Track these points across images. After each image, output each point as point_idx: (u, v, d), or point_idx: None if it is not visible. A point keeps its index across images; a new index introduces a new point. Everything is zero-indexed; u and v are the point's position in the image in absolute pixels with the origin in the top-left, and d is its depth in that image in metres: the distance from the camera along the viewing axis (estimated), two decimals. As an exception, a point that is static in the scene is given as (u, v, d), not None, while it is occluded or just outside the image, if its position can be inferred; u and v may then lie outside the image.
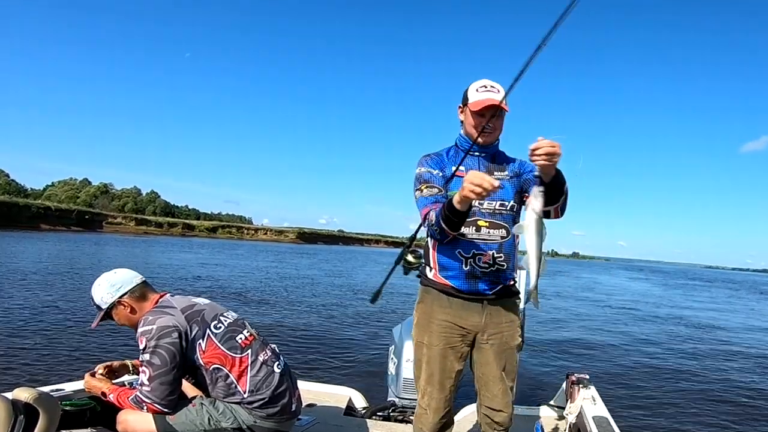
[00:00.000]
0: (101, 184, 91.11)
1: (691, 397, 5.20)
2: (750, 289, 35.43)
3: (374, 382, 4.17)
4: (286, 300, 10.61)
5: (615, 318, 11.67)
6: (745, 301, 21.66)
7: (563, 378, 2.67)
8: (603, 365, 6.41)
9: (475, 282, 1.65)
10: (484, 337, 1.69)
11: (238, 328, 1.76)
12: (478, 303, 1.67)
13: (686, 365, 6.74)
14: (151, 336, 1.59)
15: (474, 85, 1.68)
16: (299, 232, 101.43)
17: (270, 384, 1.69)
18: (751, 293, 29.11)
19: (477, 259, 1.63)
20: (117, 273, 1.77)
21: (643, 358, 7.09)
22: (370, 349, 6.16)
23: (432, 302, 1.71)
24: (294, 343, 6.22)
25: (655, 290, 25.22)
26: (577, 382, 2.41)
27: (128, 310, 1.71)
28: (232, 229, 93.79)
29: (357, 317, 8.71)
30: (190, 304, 1.72)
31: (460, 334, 1.68)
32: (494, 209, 1.65)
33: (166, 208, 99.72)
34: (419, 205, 1.69)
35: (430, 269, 1.74)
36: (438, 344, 1.67)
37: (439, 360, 1.67)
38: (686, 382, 5.84)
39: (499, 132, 1.68)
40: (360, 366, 5.39)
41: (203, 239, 67.71)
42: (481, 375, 1.71)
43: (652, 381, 5.75)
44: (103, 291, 1.72)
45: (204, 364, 1.65)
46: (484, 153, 1.71)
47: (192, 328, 1.65)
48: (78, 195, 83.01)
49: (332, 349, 6.14)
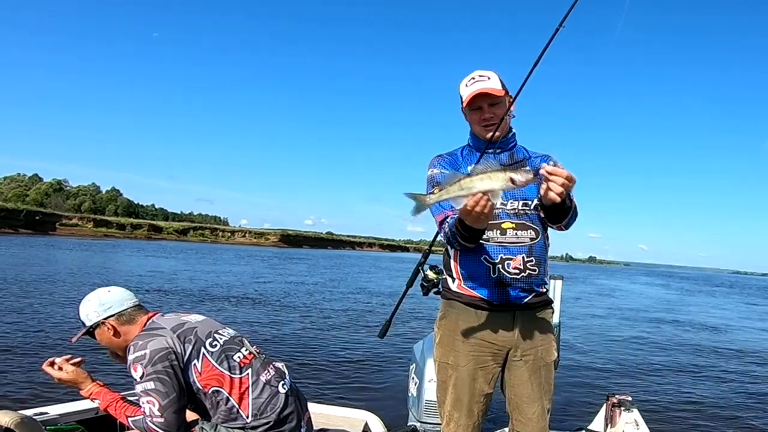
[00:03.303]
0: (54, 180, 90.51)
1: (751, 423, 5.18)
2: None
3: (393, 405, 4.20)
4: (287, 312, 10.62)
5: (651, 331, 11.71)
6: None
7: (602, 399, 2.71)
8: (645, 385, 6.39)
9: (505, 291, 1.66)
10: (517, 354, 1.70)
11: (235, 345, 1.77)
12: (509, 315, 1.69)
13: (744, 388, 6.65)
14: (147, 362, 1.60)
15: (463, 81, 1.71)
16: (282, 235, 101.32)
17: (275, 406, 1.71)
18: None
19: (506, 264, 1.64)
20: (111, 292, 1.81)
21: (691, 377, 7.07)
22: (388, 368, 6.17)
23: (457, 317, 1.73)
24: (302, 361, 6.23)
25: (690, 299, 25.44)
26: (618, 404, 2.44)
27: (111, 332, 1.74)
28: (205, 231, 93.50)
29: (372, 331, 8.69)
30: (181, 322, 1.74)
31: (491, 352, 1.70)
32: (518, 209, 1.68)
33: (130, 207, 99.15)
34: (434, 211, 1.71)
35: (453, 280, 1.76)
36: (466, 364, 1.69)
37: (467, 382, 1.69)
38: (746, 411, 5.74)
39: (502, 121, 1.68)
40: (377, 386, 5.40)
41: (173, 242, 67.33)
42: (513, 396, 1.72)
43: (702, 405, 5.73)
44: (91, 308, 1.76)
45: (202, 387, 1.67)
46: (500, 149, 1.74)
47: (186, 347, 1.67)
48: (27, 193, 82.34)
49: (346, 367, 6.14)
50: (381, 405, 4.01)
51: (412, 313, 10.62)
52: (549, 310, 1.79)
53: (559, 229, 1.68)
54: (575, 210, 1.63)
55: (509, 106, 1.70)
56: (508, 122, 1.75)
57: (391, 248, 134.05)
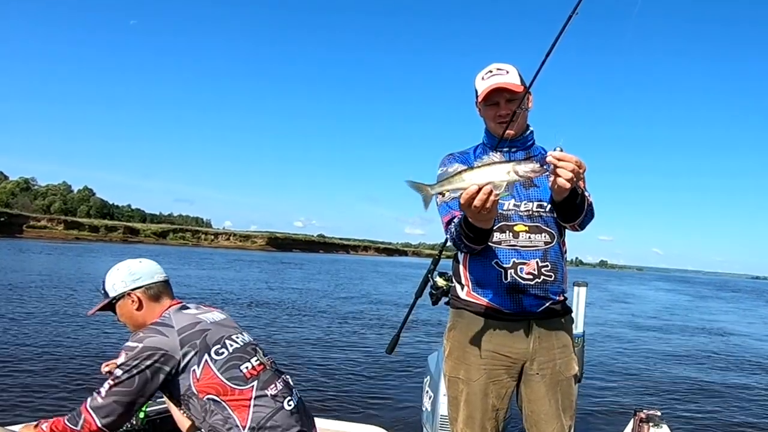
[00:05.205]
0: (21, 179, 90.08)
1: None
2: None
3: (406, 420, 4.25)
4: (286, 320, 10.62)
5: (676, 340, 11.79)
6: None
7: (629, 415, 2.73)
8: (674, 399, 6.41)
9: (519, 298, 1.66)
10: (533, 367, 1.70)
11: (246, 355, 1.78)
12: (523, 324, 1.69)
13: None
14: (133, 355, 1.64)
15: (480, 74, 1.72)
16: (270, 237, 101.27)
17: (277, 422, 1.71)
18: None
19: (519, 269, 1.65)
20: (142, 263, 1.85)
21: (722, 391, 7.09)
22: (401, 381, 6.19)
23: (467, 328, 1.74)
24: (307, 373, 6.25)
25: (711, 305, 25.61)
26: (646, 419, 2.47)
27: (136, 305, 1.79)
28: (186, 233, 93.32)
29: (381, 340, 8.69)
30: (192, 323, 1.76)
31: (504, 365, 1.70)
32: (532, 211, 1.69)
33: (103, 208, 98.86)
34: (441, 212, 1.73)
35: (462, 287, 1.77)
36: (478, 379, 1.70)
37: (480, 398, 1.69)
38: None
39: (516, 116, 1.68)
40: (389, 400, 5.42)
41: (151, 246, 67.05)
42: (530, 413, 1.73)
43: (737, 420, 5.75)
44: (119, 277, 1.80)
45: (197, 392, 1.69)
46: (515, 148, 1.75)
47: (186, 352, 1.69)
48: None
49: (354, 378, 6.16)
50: (393, 420, 4.08)
51: (427, 321, 10.64)
52: (569, 319, 1.79)
53: (573, 228, 1.69)
54: (590, 207, 1.63)
55: (523, 99, 1.70)
56: (525, 118, 1.76)
57: (388, 252, 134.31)
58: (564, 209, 1.60)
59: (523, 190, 1.71)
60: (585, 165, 1.42)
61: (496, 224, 1.63)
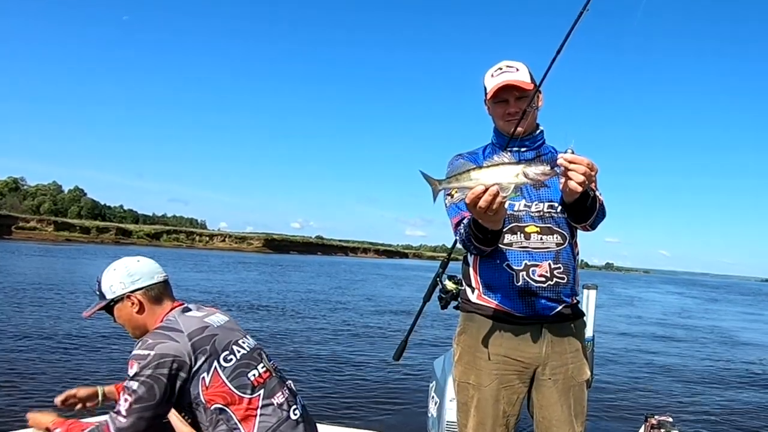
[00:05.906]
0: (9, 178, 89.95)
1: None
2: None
3: (411, 426, 4.27)
4: (289, 324, 10.66)
5: (686, 345, 11.85)
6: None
7: (640, 421, 2.73)
8: (686, 404, 6.44)
9: (531, 301, 1.67)
10: (545, 372, 1.71)
11: (252, 362, 1.77)
12: (535, 328, 1.70)
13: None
14: (147, 363, 1.59)
15: (489, 71, 1.74)
16: (267, 239, 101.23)
17: None
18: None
19: (530, 271, 1.66)
20: (141, 262, 1.79)
21: (738, 396, 7.11)
22: (406, 386, 6.22)
23: (478, 332, 1.74)
24: (311, 378, 6.28)
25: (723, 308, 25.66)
26: (658, 425, 2.47)
27: (136, 308, 1.74)
28: (180, 234, 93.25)
29: (386, 344, 8.73)
30: (201, 327, 1.73)
31: (516, 370, 1.71)
32: (543, 212, 1.70)
33: (95, 208, 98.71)
34: (450, 213, 1.74)
35: (472, 290, 1.77)
36: (489, 384, 1.70)
37: (491, 404, 1.70)
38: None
39: (526, 113, 1.69)
40: (394, 406, 5.45)
41: (144, 247, 67.02)
42: (542, 419, 1.73)
43: (751, 427, 5.78)
44: (116, 279, 1.74)
45: (205, 401, 1.67)
46: (524, 147, 1.76)
47: (198, 358, 1.66)
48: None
49: (358, 384, 6.19)
50: (398, 426, 4.10)
51: (432, 324, 10.66)
52: (581, 323, 1.80)
53: (584, 229, 1.70)
54: (602, 207, 1.64)
55: (533, 96, 1.70)
56: (535, 116, 1.77)
57: (388, 254, 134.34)
58: (575, 211, 1.60)
59: (534, 191, 1.72)
60: (597, 167, 1.43)
61: (506, 225, 1.64)
